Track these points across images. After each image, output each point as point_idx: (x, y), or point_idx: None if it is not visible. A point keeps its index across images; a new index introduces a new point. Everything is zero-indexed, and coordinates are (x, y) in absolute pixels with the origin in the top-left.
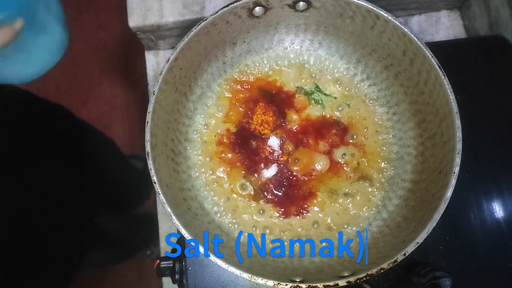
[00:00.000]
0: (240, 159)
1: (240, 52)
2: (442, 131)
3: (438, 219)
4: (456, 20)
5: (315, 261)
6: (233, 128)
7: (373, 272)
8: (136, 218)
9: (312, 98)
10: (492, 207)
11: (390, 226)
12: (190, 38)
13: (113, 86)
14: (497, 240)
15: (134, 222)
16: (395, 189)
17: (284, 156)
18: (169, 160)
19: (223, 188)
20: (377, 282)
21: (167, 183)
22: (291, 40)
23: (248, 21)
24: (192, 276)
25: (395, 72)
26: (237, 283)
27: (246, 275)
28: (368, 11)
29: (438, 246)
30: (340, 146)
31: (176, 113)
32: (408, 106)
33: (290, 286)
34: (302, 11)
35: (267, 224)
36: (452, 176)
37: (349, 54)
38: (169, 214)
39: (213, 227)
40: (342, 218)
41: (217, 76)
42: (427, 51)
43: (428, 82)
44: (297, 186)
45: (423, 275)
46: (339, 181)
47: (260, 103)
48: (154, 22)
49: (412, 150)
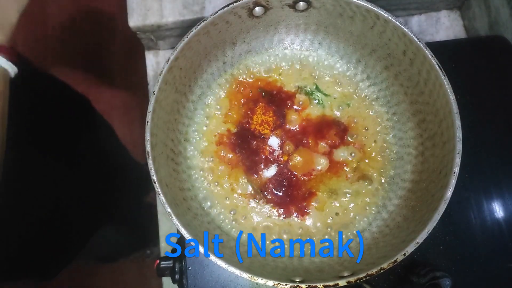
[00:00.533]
0: (240, 159)
1: (240, 52)
2: (442, 131)
3: (438, 219)
4: (456, 20)
5: (315, 261)
6: (233, 128)
7: (373, 272)
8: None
9: (312, 98)
10: (492, 207)
11: (390, 226)
12: (190, 38)
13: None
14: (497, 240)
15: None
16: (395, 189)
17: (284, 156)
18: (169, 160)
19: (223, 188)
20: (377, 282)
21: (167, 183)
22: (291, 40)
23: (248, 21)
24: (192, 276)
25: (395, 72)
26: (237, 283)
27: (246, 275)
28: (368, 11)
29: (438, 246)
30: (340, 146)
31: (176, 113)
32: (408, 106)
33: (290, 286)
34: (302, 11)
35: (267, 224)
36: (452, 176)
37: (349, 54)
38: (169, 214)
39: (213, 227)
40: (342, 218)
41: (217, 76)
42: (427, 51)
43: (428, 82)
44: (297, 186)
45: (423, 275)
46: (339, 181)
47: (260, 103)
48: (154, 22)
49: (412, 150)
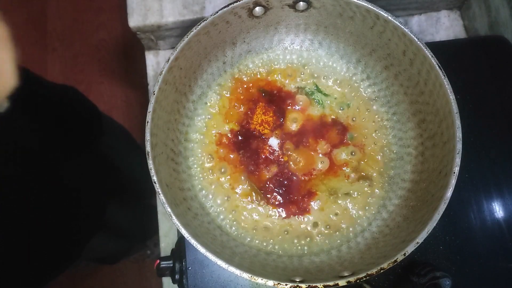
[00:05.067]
0: (240, 159)
1: (240, 52)
2: (442, 131)
3: (438, 219)
4: (456, 20)
5: (315, 261)
6: (233, 128)
7: (373, 272)
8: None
9: (312, 98)
10: (492, 207)
11: (390, 226)
12: (190, 38)
13: (113, 86)
14: (497, 240)
15: (140, 211)
16: (395, 189)
17: (284, 156)
18: (169, 160)
19: (223, 188)
20: (377, 282)
21: (167, 183)
22: (291, 40)
23: (248, 21)
24: (192, 276)
25: (395, 72)
26: (237, 283)
27: (246, 275)
28: (368, 11)
29: (438, 246)
30: (340, 146)
31: (176, 113)
32: (408, 106)
33: (290, 286)
34: (302, 11)
35: (267, 224)
36: (452, 176)
37: (349, 54)
38: (169, 214)
39: (213, 227)
40: (342, 218)
41: (217, 76)
42: (427, 51)
43: (428, 82)
44: (297, 186)
45: (423, 275)
46: (339, 181)
47: (260, 103)
48: (154, 22)
49: (412, 150)
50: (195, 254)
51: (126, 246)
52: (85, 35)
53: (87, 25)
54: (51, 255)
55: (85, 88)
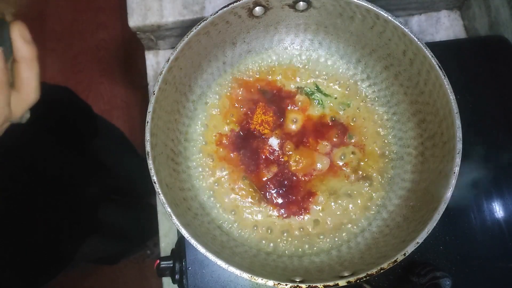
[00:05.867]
0: (240, 159)
1: (240, 52)
2: (442, 131)
3: (438, 219)
4: (456, 20)
5: (315, 261)
6: (233, 128)
7: (373, 272)
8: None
9: (312, 98)
10: (492, 207)
11: (390, 226)
12: (190, 38)
13: (113, 86)
14: (497, 240)
15: (137, 213)
16: (395, 189)
17: (284, 156)
18: (169, 160)
19: (223, 188)
20: (377, 282)
21: (167, 183)
22: (291, 40)
23: (248, 21)
24: (192, 276)
25: (395, 72)
26: (237, 283)
27: (246, 275)
28: (368, 11)
29: (438, 246)
30: (340, 146)
31: (176, 113)
32: (408, 106)
33: (290, 286)
34: (302, 11)
35: (267, 224)
36: (452, 176)
37: (349, 54)
38: (169, 214)
39: (213, 227)
40: (342, 218)
41: (217, 76)
42: (427, 51)
43: (428, 82)
44: (297, 186)
45: (423, 275)
46: (339, 181)
47: (260, 103)
48: (154, 22)
49: (412, 150)
50: (195, 254)
51: (125, 247)
52: (85, 35)
53: (86, 25)
54: (41, 260)
55: (85, 88)
